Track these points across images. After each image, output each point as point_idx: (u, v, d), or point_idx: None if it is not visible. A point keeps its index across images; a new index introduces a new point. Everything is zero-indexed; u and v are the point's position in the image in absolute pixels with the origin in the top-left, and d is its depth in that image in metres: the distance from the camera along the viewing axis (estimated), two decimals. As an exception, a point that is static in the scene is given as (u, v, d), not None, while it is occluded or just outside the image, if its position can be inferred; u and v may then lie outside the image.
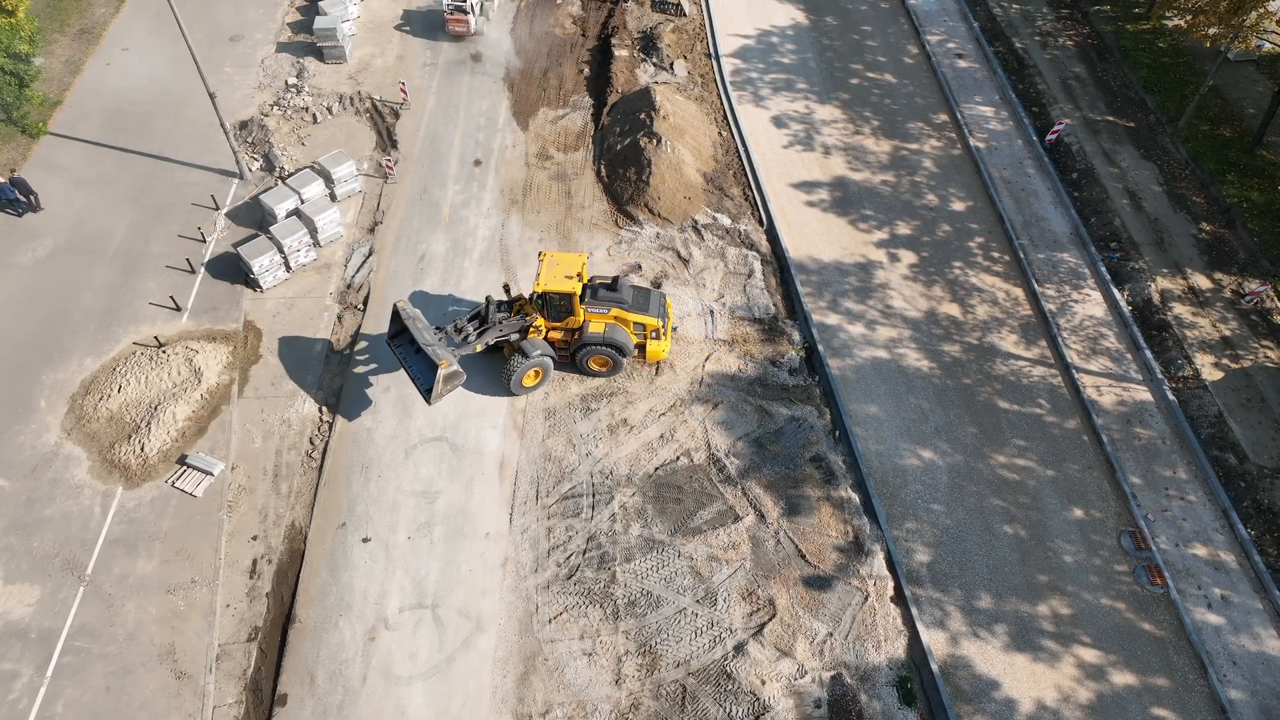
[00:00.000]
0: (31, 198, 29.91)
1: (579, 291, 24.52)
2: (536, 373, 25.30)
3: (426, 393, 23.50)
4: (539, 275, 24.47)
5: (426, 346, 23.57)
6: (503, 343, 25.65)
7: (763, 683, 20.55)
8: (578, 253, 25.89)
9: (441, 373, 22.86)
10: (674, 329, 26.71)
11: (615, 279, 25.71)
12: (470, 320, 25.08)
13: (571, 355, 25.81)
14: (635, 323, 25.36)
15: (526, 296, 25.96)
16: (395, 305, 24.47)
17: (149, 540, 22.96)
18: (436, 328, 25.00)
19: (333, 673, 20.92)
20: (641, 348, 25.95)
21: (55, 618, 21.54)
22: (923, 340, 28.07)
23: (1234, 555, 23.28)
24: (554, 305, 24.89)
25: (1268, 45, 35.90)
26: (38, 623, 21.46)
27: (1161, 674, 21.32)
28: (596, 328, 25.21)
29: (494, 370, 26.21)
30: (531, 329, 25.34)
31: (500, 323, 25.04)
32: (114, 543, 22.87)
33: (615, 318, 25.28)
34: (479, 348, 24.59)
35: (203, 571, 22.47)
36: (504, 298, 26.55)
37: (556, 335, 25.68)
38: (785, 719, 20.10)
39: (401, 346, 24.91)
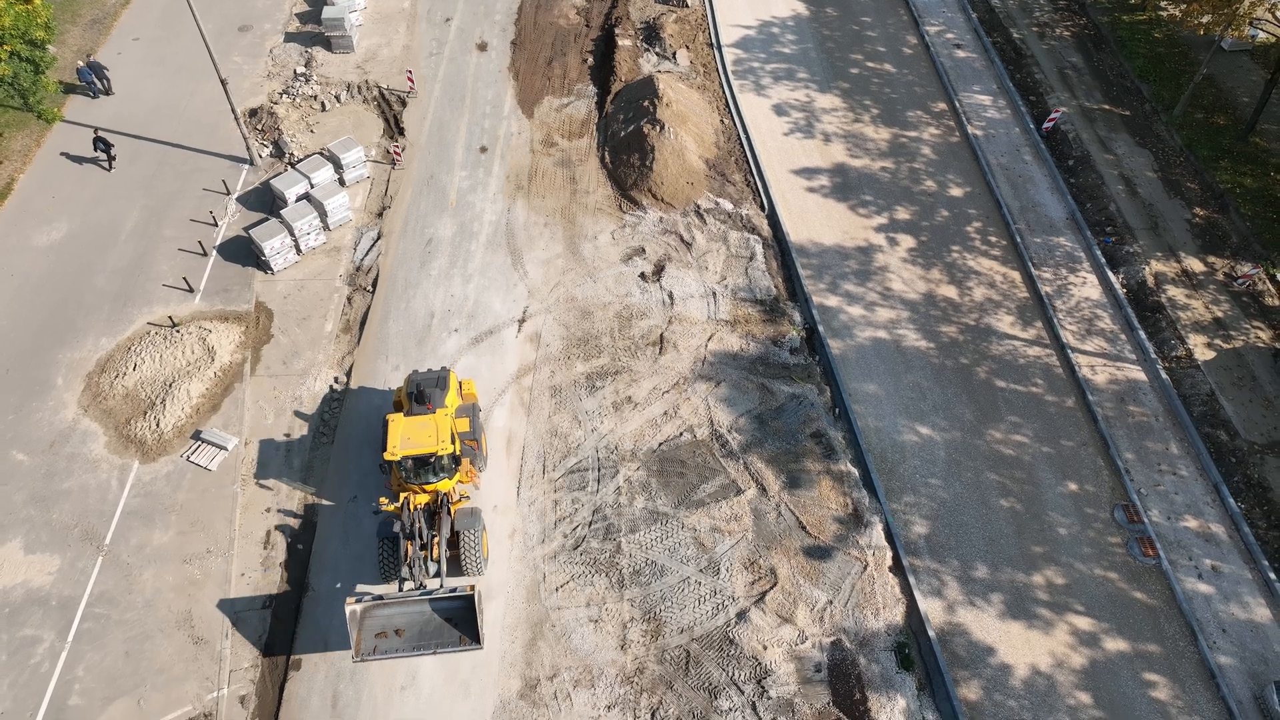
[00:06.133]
0: (105, 81, 34.11)
1: (451, 412, 22.21)
2: (484, 532, 22.42)
3: (474, 637, 19.76)
4: (421, 450, 20.98)
5: (438, 595, 19.90)
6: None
7: (764, 648, 21.11)
8: (390, 423, 21.49)
9: (478, 595, 19.73)
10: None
11: (420, 391, 22.23)
12: (413, 543, 20.72)
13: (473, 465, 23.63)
14: (456, 389, 23.41)
15: (411, 491, 21.82)
16: (349, 609, 19.34)
17: (165, 512, 23.53)
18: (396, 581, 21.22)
19: (346, 638, 21.40)
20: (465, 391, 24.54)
21: (75, 586, 22.11)
22: (921, 321, 28.62)
23: (1224, 527, 23.82)
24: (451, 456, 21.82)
25: (1261, 35, 36.43)
26: (58, 590, 22.04)
27: (1153, 641, 21.88)
28: (465, 424, 22.89)
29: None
30: (455, 503, 22.34)
31: (434, 525, 21.63)
32: (131, 514, 23.45)
33: (454, 406, 22.91)
34: (446, 553, 21.42)
35: (218, 542, 23.04)
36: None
37: (460, 475, 22.78)
38: (786, 683, 20.66)
39: (384, 635, 20.04)
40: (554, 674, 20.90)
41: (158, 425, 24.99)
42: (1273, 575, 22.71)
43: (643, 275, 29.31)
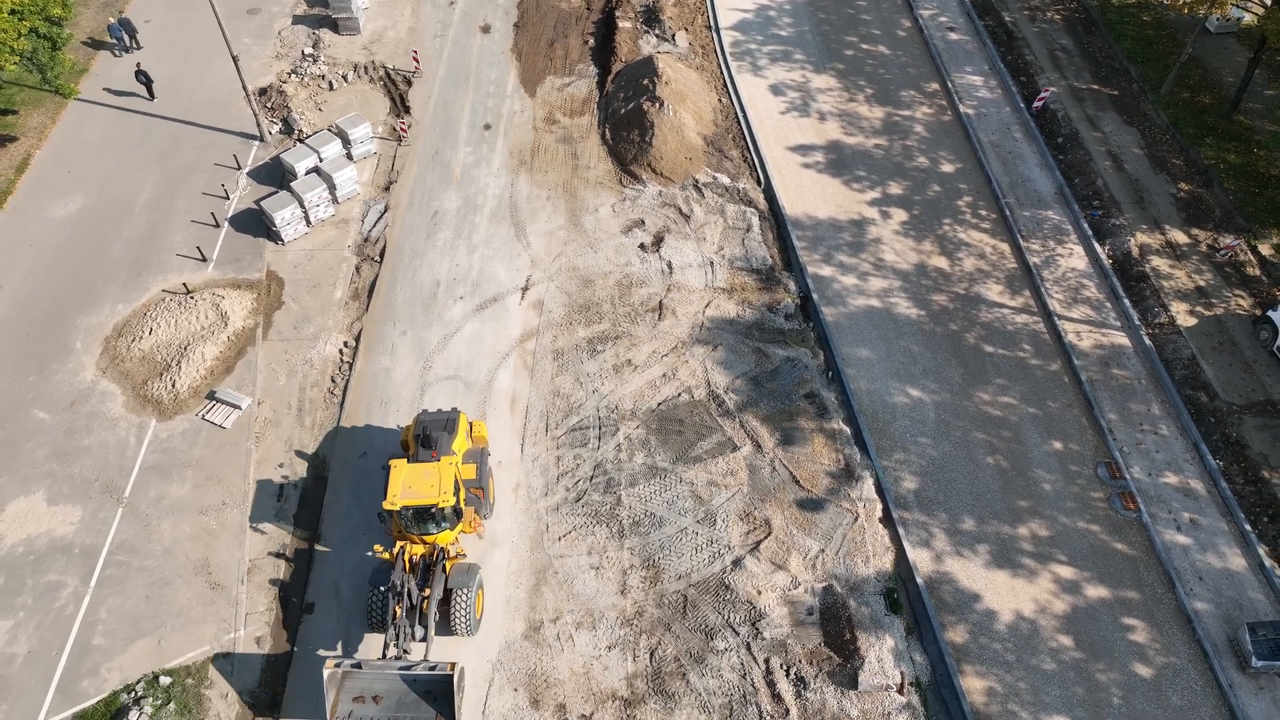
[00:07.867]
0: (135, 38, 36.85)
1: (457, 462, 21.24)
2: (480, 591, 21.40)
3: (450, 716, 18.71)
4: (422, 501, 20.09)
5: (414, 670, 18.87)
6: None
7: (759, 593, 21.99)
8: (392, 469, 20.58)
9: (458, 674, 18.62)
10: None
11: (427, 435, 21.35)
12: (399, 604, 19.87)
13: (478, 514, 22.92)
14: (465, 432, 22.47)
15: (409, 540, 21.04)
16: (327, 671, 18.66)
17: (181, 467, 24.43)
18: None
19: (357, 585, 22.34)
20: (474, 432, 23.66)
21: (97, 535, 23.01)
22: (912, 290, 29.49)
23: (1203, 483, 24.70)
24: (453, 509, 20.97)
25: (1246, 18, 37.29)
26: (80, 539, 22.94)
27: (1132, 588, 22.76)
28: (471, 471, 22.02)
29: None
30: (451, 559, 21.39)
31: (429, 581, 20.46)
32: (149, 469, 24.35)
33: (462, 451, 21.99)
34: (436, 616, 20.31)
35: (233, 495, 23.93)
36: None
37: (462, 526, 21.91)
38: (780, 625, 21.54)
39: (361, 699, 19.19)
40: (557, 617, 21.79)
41: (174, 386, 25.88)
42: (1248, 527, 23.59)
43: (642, 246, 30.19)
